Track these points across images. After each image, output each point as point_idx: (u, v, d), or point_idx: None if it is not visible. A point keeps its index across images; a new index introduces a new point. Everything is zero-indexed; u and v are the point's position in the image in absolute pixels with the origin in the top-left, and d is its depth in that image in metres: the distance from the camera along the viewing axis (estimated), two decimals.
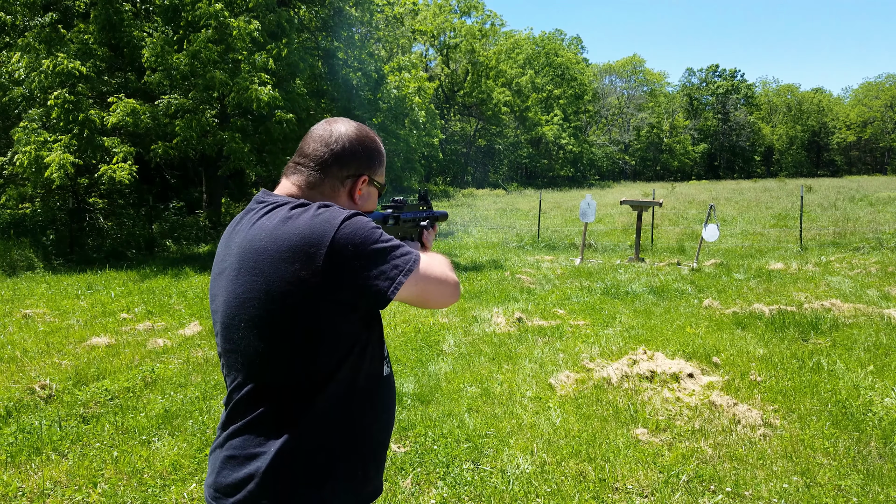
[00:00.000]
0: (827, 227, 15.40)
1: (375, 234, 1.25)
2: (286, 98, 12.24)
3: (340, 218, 1.24)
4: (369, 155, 1.43)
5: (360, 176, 1.41)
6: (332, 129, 1.40)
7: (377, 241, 1.24)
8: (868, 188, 30.08)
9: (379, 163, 1.46)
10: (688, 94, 70.73)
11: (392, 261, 1.24)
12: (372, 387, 1.35)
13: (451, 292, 1.35)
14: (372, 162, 1.44)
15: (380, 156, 1.46)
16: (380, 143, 1.48)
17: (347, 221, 1.24)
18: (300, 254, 1.21)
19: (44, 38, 11.22)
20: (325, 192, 1.39)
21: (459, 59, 46.14)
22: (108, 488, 3.25)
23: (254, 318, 1.25)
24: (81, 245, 12.35)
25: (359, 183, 1.41)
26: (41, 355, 5.65)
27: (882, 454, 3.55)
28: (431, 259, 1.36)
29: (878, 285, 8.36)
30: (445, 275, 1.34)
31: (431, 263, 1.33)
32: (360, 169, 1.41)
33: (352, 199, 1.42)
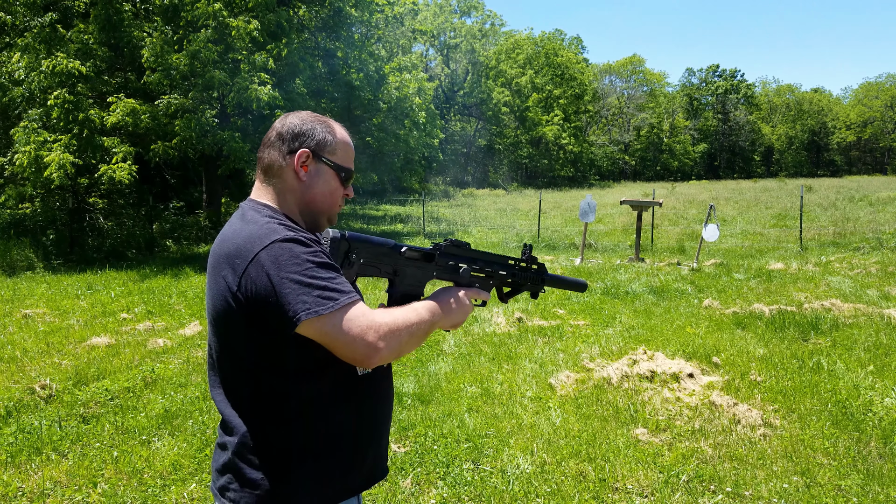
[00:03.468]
0: (827, 227, 15.40)
1: (300, 258, 1.21)
2: (286, 98, 12.24)
3: (273, 238, 1.23)
4: (313, 129, 1.39)
5: (299, 150, 1.37)
6: (285, 116, 1.42)
7: (300, 271, 1.20)
8: (868, 188, 30.08)
9: (326, 141, 1.39)
10: (688, 94, 70.71)
11: (301, 296, 1.19)
12: (345, 386, 1.34)
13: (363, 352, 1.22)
14: (314, 136, 1.38)
15: (329, 134, 1.40)
16: (333, 125, 1.43)
17: (274, 245, 1.22)
18: (230, 263, 1.25)
19: (44, 38, 11.22)
20: (274, 172, 1.38)
21: (459, 59, 46.14)
22: (108, 488, 3.25)
23: (211, 320, 1.35)
24: (81, 245, 12.35)
25: (298, 157, 1.36)
26: (41, 355, 5.65)
27: (882, 454, 3.55)
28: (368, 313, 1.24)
29: (878, 285, 8.36)
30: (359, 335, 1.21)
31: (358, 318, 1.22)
32: (303, 142, 1.37)
33: (298, 178, 1.37)
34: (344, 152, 1.42)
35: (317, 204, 1.41)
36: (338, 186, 1.42)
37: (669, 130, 65.32)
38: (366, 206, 27.18)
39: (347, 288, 1.24)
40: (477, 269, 1.58)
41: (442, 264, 1.52)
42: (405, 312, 1.32)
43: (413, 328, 1.31)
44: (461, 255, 1.56)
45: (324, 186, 1.40)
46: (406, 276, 1.47)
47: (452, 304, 1.47)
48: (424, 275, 1.50)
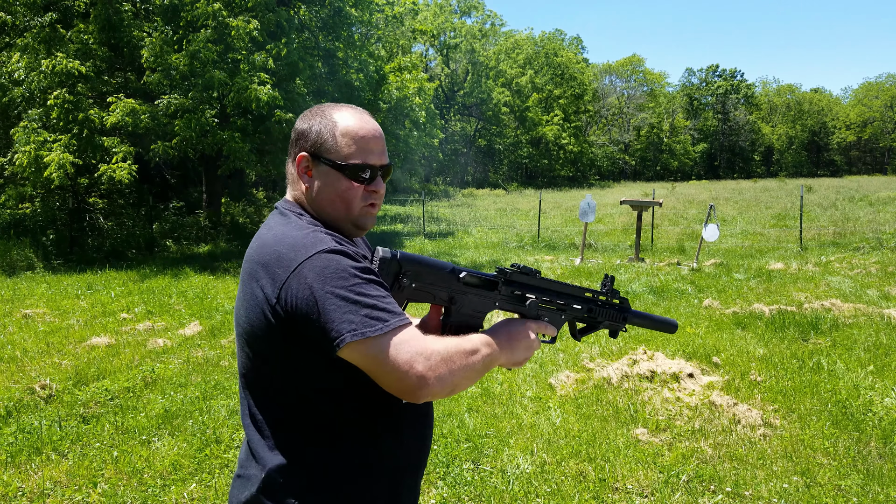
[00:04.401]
0: (827, 226, 15.40)
1: (343, 273, 1.08)
2: (286, 98, 12.23)
3: (319, 248, 1.11)
4: (309, 128, 1.24)
5: (297, 154, 1.25)
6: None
7: (347, 286, 1.07)
8: (868, 188, 30.08)
9: (322, 138, 1.23)
10: (688, 94, 70.71)
11: (346, 315, 1.06)
12: (389, 415, 1.22)
13: (409, 383, 1.07)
14: (309, 135, 1.23)
15: (327, 128, 1.23)
16: (336, 115, 1.24)
17: (317, 256, 1.09)
18: (269, 273, 1.13)
19: (43, 38, 11.22)
20: (289, 180, 1.29)
21: (459, 59, 46.14)
22: (108, 488, 3.25)
23: (242, 333, 1.22)
24: (81, 245, 12.34)
25: (298, 163, 1.24)
26: (41, 355, 5.65)
27: (882, 454, 3.55)
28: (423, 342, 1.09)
29: (878, 285, 8.36)
30: (406, 363, 1.06)
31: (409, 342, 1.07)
32: (302, 146, 1.24)
33: (304, 186, 1.25)
34: (351, 144, 1.23)
35: (328, 210, 1.24)
36: (349, 186, 1.23)
37: (669, 130, 65.32)
38: None
39: (398, 309, 1.11)
40: (547, 300, 1.40)
41: (506, 294, 1.35)
42: (461, 343, 1.15)
43: (469, 362, 1.13)
44: (529, 284, 1.38)
45: (328, 191, 1.23)
46: (464, 304, 1.30)
47: (515, 340, 1.28)
48: (485, 304, 1.32)
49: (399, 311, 1.11)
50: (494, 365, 1.22)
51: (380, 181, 1.26)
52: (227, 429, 3.99)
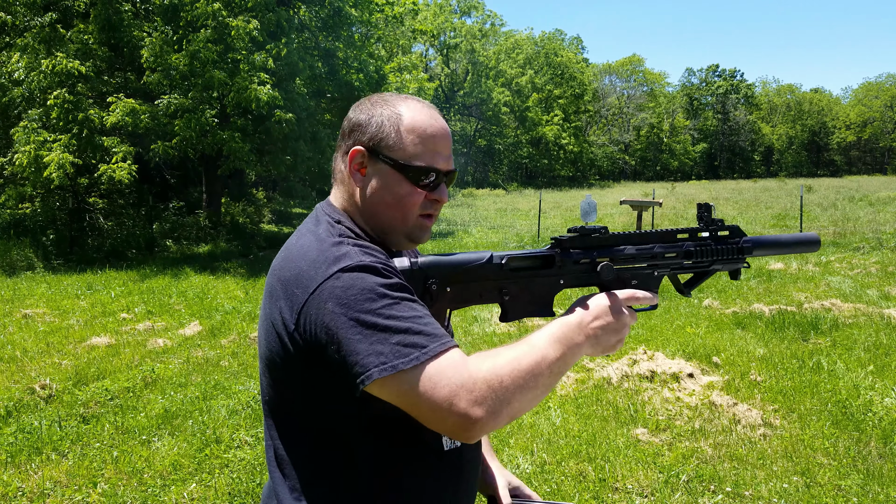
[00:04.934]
0: (827, 226, 15.40)
1: (372, 294, 0.92)
2: (286, 98, 12.23)
3: (340, 265, 0.94)
4: (369, 118, 1.07)
5: (352, 148, 1.08)
6: (362, 99, 1.14)
7: (374, 310, 0.91)
8: (868, 188, 30.08)
9: (384, 132, 1.05)
10: (688, 94, 70.71)
11: (374, 346, 0.90)
12: (429, 453, 1.04)
13: (450, 428, 0.89)
14: (368, 127, 1.06)
15: (391, 120, 1.06)
16: (402, 107, 1.07)
17: (339, 275, 0.93)
18: (287, 294, 0.98)
19: (43, 38, 11.22)
20: (337, 177, 1.13)
21: (459, 59, 46.14)
22: (108, 488, 3.25)
23: (263, 357, 1.06)
24: (81, 245, 12.34)
25: (351, 158, 1.07)
26: (41, 355, 5.65)
27: (882, 454, 3.55)
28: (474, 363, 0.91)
29: (878, 285, 8.36)
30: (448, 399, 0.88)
31: (448, 372, 0.89)
32: (357, 138, 1.08)
33: (355, 184, 1.08)
34: (416, 142, 1.05)
35: (380, 217, 1.08)
36: (410, 191, 1.06)
37: (669, 130, 65.32)
38: None
39: (438, 329, 0.93)
40: (628, 259, 1.13)
41: (570, 267, 1.09)
42: (515, 355, 0.93)
43: (528, 376, 0.92)
44: (596, 246, 1.11)
45: (385, 193, 1.06)
46: (519, 296, 1.07)
47: (597, 321, 1.03)
48: (547, 288, 1.08)
49: (439, 331, 0.93)
50: (573, 362, 1.00)
51: (444, 189, 1.10)
52: (227, 429, 3.99)
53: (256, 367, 5.31)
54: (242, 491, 3.22)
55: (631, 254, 1.13)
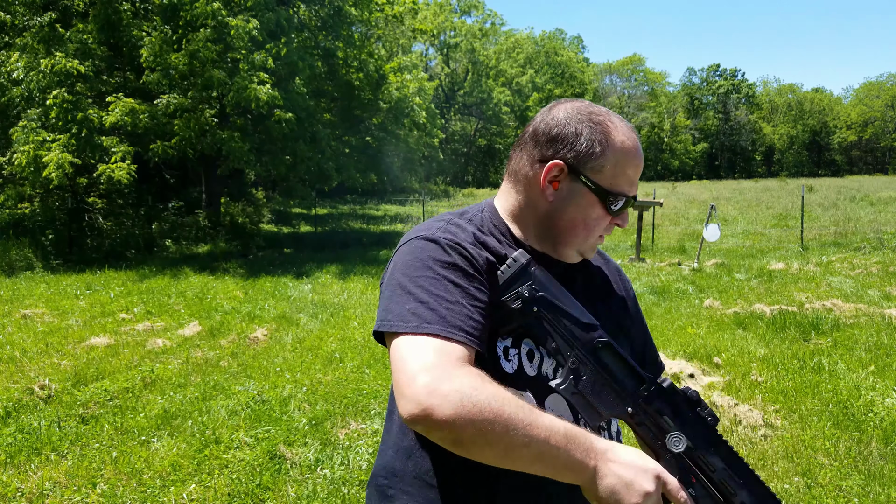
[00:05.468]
0: (828, 226, 15.39)
1: (422, 262, 0.97)
2: (285, 97, 12.22)
3: (417, 234, 1.03)
4: (576, 134, 1.01)
5: (551, 161, 1.02)
6: (554, 105, 1.09)
7: (413, 275, 0.95)
8: (869, 188, 30.06)
9: (592, 153, 1.01)
10: (689, 94, 70.70)
11: (391, 306, 0.95)
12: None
13: (404, 401, 0.84)
14: (575, 144, 1.01)
15: (599, 142, 1.01)
16: (611, 128, 1.02)
17: (412, 241, 1.02)
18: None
19: (42, 38, 11.20)
20: (518, 179, 1.08)
21: (459, 58, 46.14)
22: (107, 489, 3.24)
23: None
24: (80, 245, 12.34)
25: (547, 171, 1.02)
26: (40, 355, 5.64)
27: (883, 455, 3.53)
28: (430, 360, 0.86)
29: (880, 285, 8.35)
30: (410, 379, 0.84)
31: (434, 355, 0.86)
32: (558, 151, 1.02)
33: (544, 197, 1.04)
34: (620, 168, 1.02)
35: (563, 234, 1.06)
36: (602, 215, 1.03)
37: (670, 130, 65.32)
38: (366, 206, 27.18)
39: (457, 320, 0.90)
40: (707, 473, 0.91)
41: (648, 411, 0.94)
42: (507, 401, 0.83)
43: (493, 426, 0.80)
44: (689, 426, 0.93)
45: (577, 213, 1.03)
46: (587, 381, 0.95)
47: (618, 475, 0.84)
48: (612, 402, 0.95)
49: (458, 322, 0.90)
50: (560, 473, 0.85)
51: (627, 214, 1.07)
52: (227, 429, 3.97)
53: (255, 367, 5.31)
54: (242, 492, 3.21)
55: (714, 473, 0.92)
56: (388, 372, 5.17)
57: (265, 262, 11.72)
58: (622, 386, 0.95)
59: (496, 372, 0.96)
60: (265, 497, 3.17)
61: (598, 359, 0.95)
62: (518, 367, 1.01)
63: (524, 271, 0.97)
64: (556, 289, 0.98)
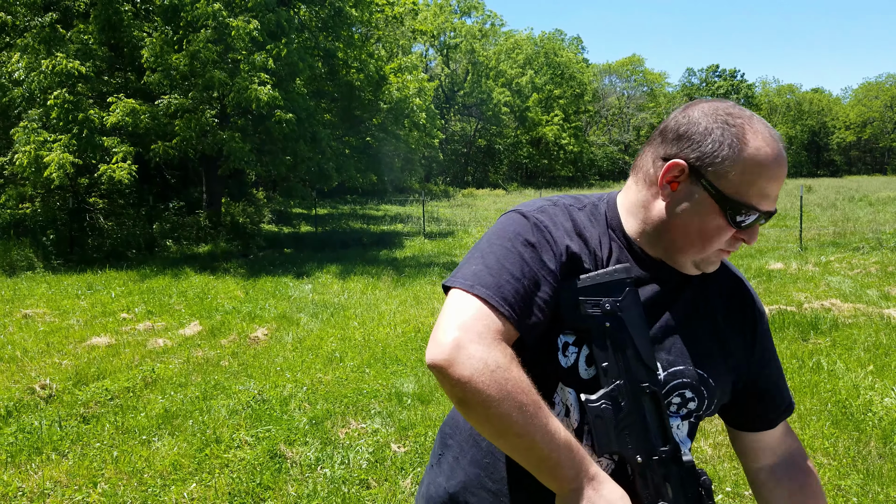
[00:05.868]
0: (827, 226, 15.40)
1: (505, 233, 0.99)
2: (286, 98, 12.24)
3: (518, 208, 1.05)
4: (706, 133, 0.94)
5: (673, 159, 0.96)
6: (695, 103, 1.02)
7: (492, 241, 0.99)
8: (868, 188, 30.07)
9: (718, 155, 0.93)
10: (688, 94, 70.74)
11: (463, 265, 0.98)
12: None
13: (433, 345, 0.89)
14: (701, 144, 0.94)
15: (729, 145, 0.93)
16: (749, 133, 0.94)
17: (510, 213, 1.04)
18: None
19: (43, 38, 11.21)
20: (640, 176, 1.04)
21: (459, 59, 46.13)
22: (108, 488, 3.26)
23: None
24: (81, 245, 12.35)
25: (667, 169, 0.96)
26: (41, 355, 5.65)
27: (882, 454, 3.55)
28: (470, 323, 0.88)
29: (878, 285, 8.36)
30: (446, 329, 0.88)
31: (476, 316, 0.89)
32: (682, 149, 0.96)
33: (661, 195, 0.99)
34: (751, 178, 0.92)
35: (674, 238, 0.99)
36: (721, 226, 0.95)
37: None
38: (366, 206, 27.19)
39: (508, 291, 0.91)
40: None
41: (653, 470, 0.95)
42: (528, 394, 0.85)
43: (503, 407, 0.83)
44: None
45: (691, 219, 0.96)
46: (622, 419, 0.94)
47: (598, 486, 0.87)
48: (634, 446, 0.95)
49: (509, 293, 0.90)
50: (543, 475, 0.87)
51: (756, 231, 0.96)
52: (227, 429, 3.99)
53: (256, 366, 5.32)
54: (242, 491, 3.22)
55: None
56: (388, 371, 5.18)
57: (266, 262, 11.73)
58: (646, 436, 0.94)
59: (550, 363, 0.99)
60: (266, 496, 3.18)
61: (639, 402, 0.94)
62: (572, 365, 0.99)
63: (619, 286, 0.95)
64: (637, 317, 0.95)
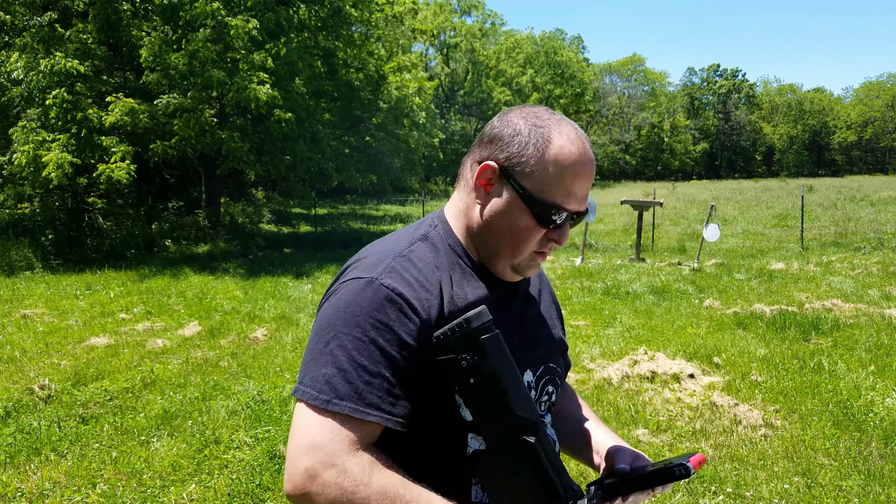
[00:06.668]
0: (828, 226, 15.38)
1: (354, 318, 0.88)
2: (285, 97, 12.23)
3: (360, 272, 0.94)
4: (514, 135, 0.96)
5: (485, 161, 0.98)
6: (514, 108, 1.03)
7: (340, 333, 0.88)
8: (869, 188, 30.06)
9: (524, 155, 0.94)
10: (689, 94, 70.70)
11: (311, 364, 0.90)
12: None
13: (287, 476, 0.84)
14: (510, 145, 0.96)
15: (535, 146, 0.94)
16: (554, 134, 0.95)
17: (352, 282, 0.93)
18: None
19: (42, 38, 11.20)
20: (460, 183, 1.06)
21: (459, 58, 46.14)
22: (107, 489, 3.24)
23: None
24: (80, 245, 12.34)
25: (480, 171, 0.98)
26: (40, 356, 5.64)
27: (883, 455, 3.53)
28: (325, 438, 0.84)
29: (880, 285, 8.35)
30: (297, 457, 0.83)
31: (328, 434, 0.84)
32: (492, 151, 0.97)
33: (476, 198, 1.00)
34: (555, 177, 0.94)
35: (490, 241, 1.00)
36: (530, 225, 0.96)
37: (670, 130, 65.32)
38: (366, 206, 27.18)
39: (369, 394, 0.86)
40: None
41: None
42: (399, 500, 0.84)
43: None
44: None
45: (502, 220, 0.97)
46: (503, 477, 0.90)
47: None
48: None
49: (371, 397, 0.86)
50: None
51: (566, 230, 0.98)
52: (227, 429, 3.97)
53: (255, 367, 5.31)
54: (242, 492, 3.21)
55: None
56: None
57: (265, 262, 11.72)
58: (534, 493, 0.87)
59: (456, 421, 0.93)
60: (265, 497, 3.17)
61: (519, 456, 0.87)
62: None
63: (472, 339, 0.86)
64: (502, 365, 0.87)
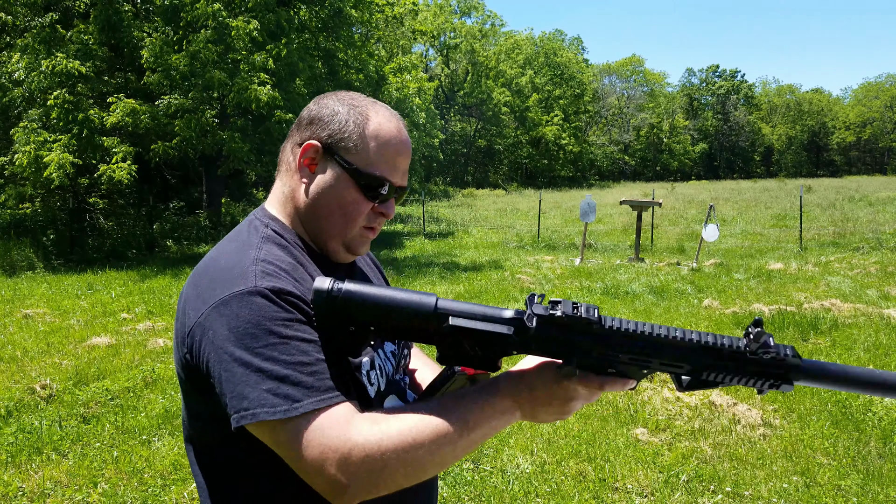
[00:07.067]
0: (826, 227, 15.40)
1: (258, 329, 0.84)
2: (286, 98, 12.24)
3: (233, 288, 0.87)
4: (333, 114, 0.99)
5: (307, 141, 1.00)
6: (326, 94, 1.06)
7: (254, 347, 0.83)
8: (867, 188, 30.08)
9: (346, 132, 0.98)
10: (688, 95, 70.73)
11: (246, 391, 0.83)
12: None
13: (328, 485, 0.81)
14: (330, 123, 0.99)
15: (355, 122, 0.98)
16: (371, 112, 1.00)
17: (231, 301, 0.86)
18: (184, 311, 0.93)
19: (43, 39, 11.22)
20: (282, 170, 1.05)
21: (459, 59, 46.15)
22: (108, 488, 3.26)
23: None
24: (82, 245, 12.35)
25: (302, 151, 0.99)
26: (41, 355, 5.65)
27: (882, 454, 3.55)
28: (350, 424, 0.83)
29: (878, 285, 8.36)
30: (317, 462, 0.81)
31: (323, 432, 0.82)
32: (314, 131, 1.00)
33: (300, 180, 1.01)
34: (377, 151, 0.98)
35: (319, 221, 1.01)
36: (357, 199, 0.99)
37: (669, 130, 65.33)
38: None
39: (322, 382, 0.84)
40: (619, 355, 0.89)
41: (537, 338, 0.89)
42: (416, 424, 0.84)
43: (424, 451, 0.83)
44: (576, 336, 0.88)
45: (330, 197, 0.99)
46: (459, 352, 0.92)
47: (537, 401, 0.90)
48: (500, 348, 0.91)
49: (323, 384, 0.84)
50: (494, 432, 0.90)
51: (392, 204, 1.03)
52: None
53: None
54: None
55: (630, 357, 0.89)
56: None
57: None
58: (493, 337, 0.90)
59: (364, 401, 0.94)
60: None
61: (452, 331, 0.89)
62: (378, 385, 1.00)
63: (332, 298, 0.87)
64: (375, 300, 0.89)
